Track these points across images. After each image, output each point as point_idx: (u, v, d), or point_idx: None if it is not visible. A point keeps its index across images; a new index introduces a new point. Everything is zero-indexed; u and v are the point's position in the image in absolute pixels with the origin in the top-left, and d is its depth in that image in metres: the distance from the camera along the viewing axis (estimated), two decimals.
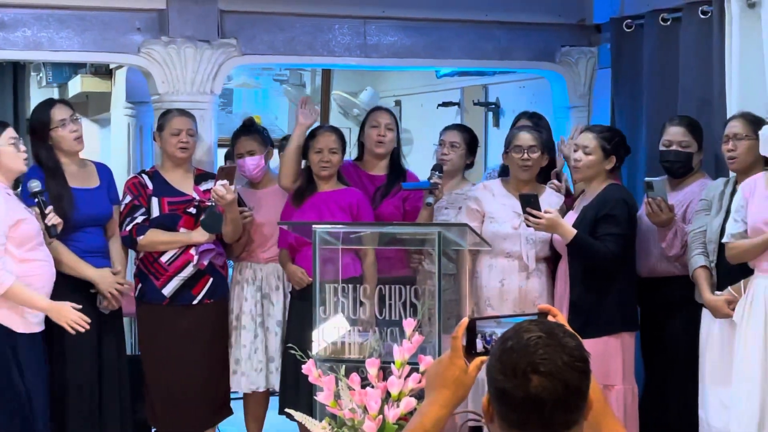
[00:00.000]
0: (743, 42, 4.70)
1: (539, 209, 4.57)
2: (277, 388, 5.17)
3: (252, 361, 5.15)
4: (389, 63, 5.99)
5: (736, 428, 4.16)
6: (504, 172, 5.21)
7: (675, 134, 4.78)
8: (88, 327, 4.40)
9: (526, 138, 4.86)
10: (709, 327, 4.44)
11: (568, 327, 1.98)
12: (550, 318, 2.05)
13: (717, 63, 4.85)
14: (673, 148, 4.78)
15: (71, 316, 4.36)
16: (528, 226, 4.65)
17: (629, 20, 5.64)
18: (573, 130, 5.34)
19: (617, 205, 4.61)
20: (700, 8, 5.05)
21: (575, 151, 4.76)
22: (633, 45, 5.61)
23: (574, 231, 4.56)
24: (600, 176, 4.72)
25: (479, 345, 2.05)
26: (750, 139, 4.37)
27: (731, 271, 4.33)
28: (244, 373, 5.15)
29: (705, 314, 4.48)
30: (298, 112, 5.17)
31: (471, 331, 2.05)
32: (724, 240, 4.31)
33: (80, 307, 4.42)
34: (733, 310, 4.27)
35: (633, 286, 4.70)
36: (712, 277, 4.44)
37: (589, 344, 5.00)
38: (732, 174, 4.56)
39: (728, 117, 4.73)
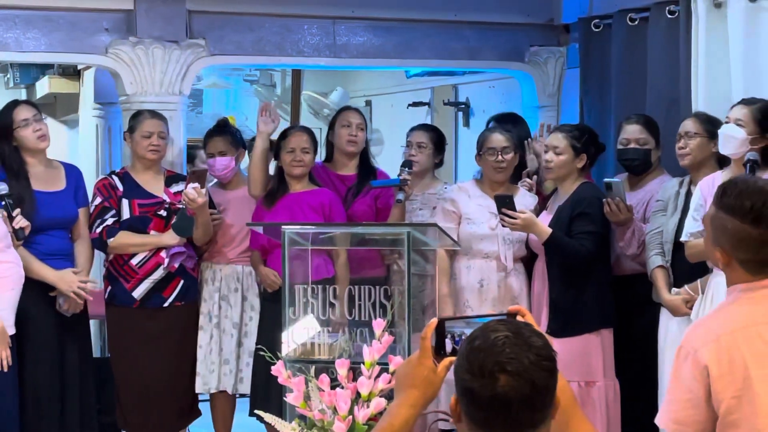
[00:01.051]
0: (709, 41, 4.73)
1: (514, 209, 4.59)
2: (229, 390, 5.17)
3: (206, 362, 5.14)
4: (359, 63, 6.00)
5: None
6: None
7: (632, 132, 4.83)
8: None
9: (499, 140, 4.87)
10: (667, 325, 4.47)
11: (536, 326, 1.99)
12: (519, 318, 2.06)
13: (684, 62, 4.88)
14: (631, 146, 4.84)
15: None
16: (504, 226, 4.67)
17: (597, 20, 5.66)
18: (540, 128, 5.36)
19: (591, 203, 4.64)
20: (667, 8, 5.08)
21: (546, 152, 4.78)
22: (601, 45, 5.63)
23: (550, 230, 4.59)
24: (572, 175, 4.74)
25: (448, 345, 2.05)
26: (700, 137, 4.43)
27: (687, 271, 4.36)
28: (199, 373, 5.14)
29: (663, 313, 4.51)
30: (258, 119, 5.15)
31: (440, 332, 2.05)
32: (682, 239, 4.34)
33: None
34: (691, 308, 4.30)
35: (609, 282, 4.74)
36: (669, 276, 4.48)
37: (570, 342, 5.04)
38: (687, 175, 4.59)
39: None
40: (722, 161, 4.41)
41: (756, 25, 4.53)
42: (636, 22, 5.37)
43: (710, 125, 4.42)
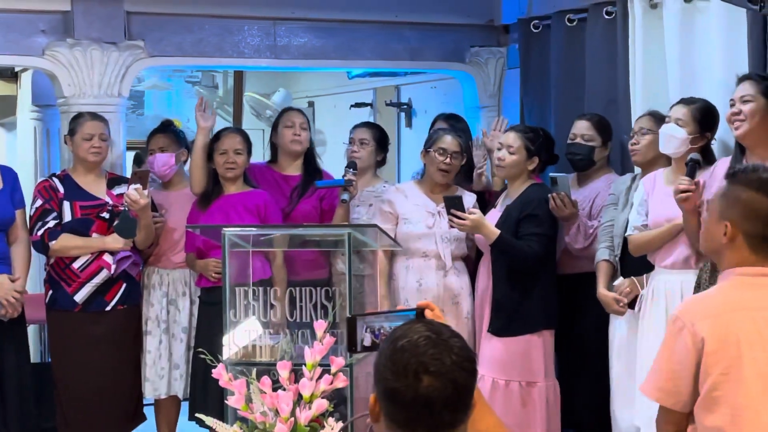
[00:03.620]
0: (646, 42, 4.79)
1: (463, 210, 4.60)
2: (180, 395, 5.14)
3: (156, 367, 5.11)
4: (300, 64, 5.97)
5: (639, 422, 4.24)
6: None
7: (580, 128, 4.89)
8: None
9: (452, 143, 4.89)
10: (617, 323, 4.52)
11: (443, 320, 2.04)
12: (427, 312, 2.09)
13: (622, 62, 4.94)
14: (577, 141, 4.88)
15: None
16: (452, 227, 4.68)
17: (536, 21, 5.70)
18: (495, 122, 5.38)
19: (540, 205, 4.67)
20: (605, 9, 5.14)
21: (499, 149, 4.80)
22: (540, 45, 5.68)
23: (498, 231, 4.61)
24: (522, 176, 4.77)
25: (367, 340, 2.07)
26: (652, 134, 4.46)
27: (637, 265, 4.40)
28: (148, 379, 5.11)
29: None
30: (197, 115, 5.12)
31: (351, 328, 2.06)
32: (627, 233, 4.40)
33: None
34: (634, 302, 4.35)
35: (554, 284, 4.77)
36: (615, 271, 4.52)
37: (512, 342, 5.06)
38: (638, 170, 4.64)
39: (633, 115, 4.83)
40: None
41: (691, 25, 4.59)
42: (574, 23, 5.41)
43: (662, 123, 4.41)
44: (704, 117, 4.21)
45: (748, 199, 2.67)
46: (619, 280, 4.47)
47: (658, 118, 4.47)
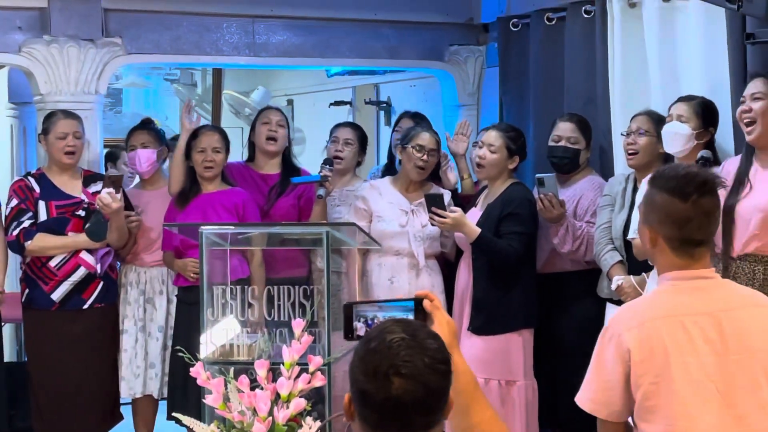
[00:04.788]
0: (625, 41, 4.79)
1: (444, 209, 4.60)
2: (155, 394, 5.12)
3: (132, 366, 5.09)
4: (278, 62, 5.97)
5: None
6: (388, 171, 5.22)
7: (564, 130, 4.86)
8: None
9: (430, 140, 4.89)
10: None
11: (442, 311, 2.03)
12: (426, 303, 2.07)
13: (600, 61, 4.94)
14: (562, 143, 4.86)
15: None
16: (433, 225, 4.68)
17: (516, 20, 5.71)
18: (458, 126, 5.37)
19: (521, 204, 4.67)
20: (584, 8, 5.14)
21: (480, 147, 4.79)
22: (520, 44, 5.68)
23: (478, 230, 4.60)
24: (503, 175, 4.77)
25: (361, 329, 2.06)
26: (650, 136, 4.41)
27: (637, 267, 4.34)
28: (124, 378, 5.09)
29: (609, 309, 4.53)
30: (182, 117, 5.10)
31: (348, 316, 2.06)
32: (629, 236, 4.31)
33: None
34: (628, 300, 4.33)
35: (534, 283, 4.76)
36: (626, 271, 4.44)
37: (491, 341, 5.04)
38: (628, 169, 4.62)
39: (612, 114, 4.83)
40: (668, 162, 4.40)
41: (670, 24, 4.60)
42: (553, 22, 5.42)
43: (660, 125, 4.34)
44: (705, 111, 4.17)
45: (663, 203, 2.63)
46: (617, 278, 4.43)
47: (656, 119, 4.41)
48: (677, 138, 4.17)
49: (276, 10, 5.72)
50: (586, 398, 2.68)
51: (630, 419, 2.67)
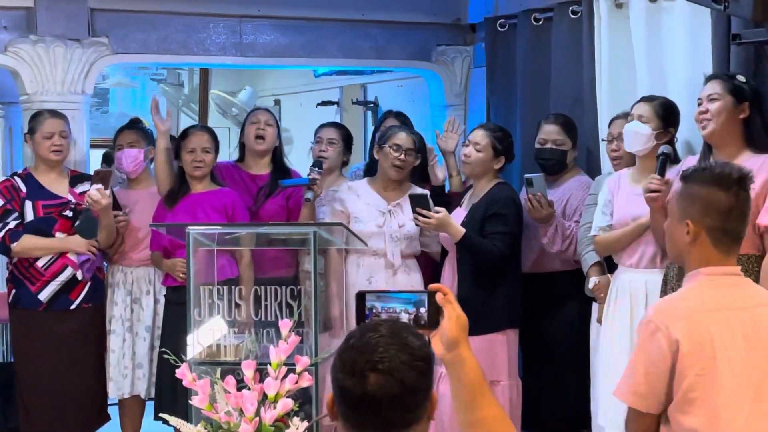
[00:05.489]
0: (612, 41, 4.80)
1: (429, 209, 4.60)
2: (143, 394, 5.11)
3: (119, 367, 5.08)
4: (266, 62, 5.97)
5: (602, 421, 4.26)
6: (369, 171, 5.22)
7: (550, 132, 4.87)
8: None
9: (406, 140, 4.88)
10: (596, 321, 4.52)
11: (455, 306, 2.04)
12: (439, 296, 2.08)
13: (587, 62, 4.95)
14: (548, 146, 4.87)
15: None
16: (417, 225, 4.68)
17: (503, 20, 5.71)
18: (447, 123, 5.37)
19: (506, 204, 4.67)
20: (571, 8, 5.15)
21: (466, 146, 4.80)
22: (507, 44, 5.68)
23: (463, 230, 4.60)
24: (488, 174, 4.77)
25: (368, 317, 2.09)
26: None
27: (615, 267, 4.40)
28: (112, 378, 5.07)
29: (595, 309, 4.55)
30: (154, 118, 5.07)
31: (360, 304, 2.09)
32: (591, 233, 4.40)
33: None
34: (604, 299, 4.36)
35: (519, 283, 4.77)
36: (604, 271, 4.50)
37: (476, 341, 5.08)
38: (609, 168, 4.64)
39: (599, 114, 4.85)
40: None
41: (657, 25, 4.61)
42: (540, 22, 5.43)
43: None
44: (666, 112, 4.23)
45: (706, 195, 2.72)
46: (593, 281, 4.46)
47: None
48: (637, 137, 4.22)
49: (263, 10, 5.72)
50: (627, 391, 2.72)
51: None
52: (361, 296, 2.09)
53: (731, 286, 2.73)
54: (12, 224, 4.83)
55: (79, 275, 4.89)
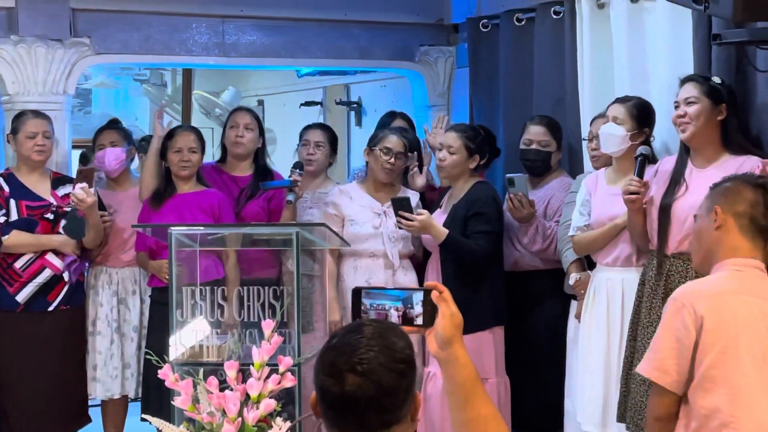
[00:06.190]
0: (594, 42, 4.82)
1: (411, 212, 4.60)
2: (132, 394, 5.10)
3: (108, 368, 5.06)
4: (248, 62, 5.96)
5: (581, 417, 4.28)
6: None
7: (535, 134, 4.88)
8: None
9: (397, 143, 4.88)
10: (573, 318, 4.54)
11: (450, 304, 2.09)
12: (435, 294, 2.09)
13: (569, 62, 4.96)
14: (533, 147, 4.88)
15: None
16: (400, 228, 4.68)
17: (485, 20, 5.72)
18: (436, 120, 5.38)
19: (487, 203, 4.68)
20: (553, 8, 5.16)
21: (439, 150, 4.80)
22: (489, 44, 5.69)
23: (446, 231, 4.62)
24: (465, 175, 4.78)
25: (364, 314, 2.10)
26: None
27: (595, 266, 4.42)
28: (100, 380, 5.06)
29: (574, 306, 4.58)
30: (155, 123, 5.07)
31: (356, 300, 2.10)
32: (569, 233, 4.43)
33: None
34: (584, 295, 4.37)
35: (502, 281, 4.78)
36: (585, 268, 4.52)
37: (463, 340, 5.07)
38: (590, 168, 4.66)
39: (581, 114, 4.86)
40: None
41: (638, 25, 4.62)
42: (522, 23, 5.43)
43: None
44: (641, 113, 4.24)
45: (734, 187, 2.90)
46: (574, 277, 4.47)
47: None
48: (612, 139, 4.24)
49: (246, 10, 5.71)
50: (651, 367, 2.79)
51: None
52: (357, 292, 2.10)
53: (757, 278, 2.82)
54: (0, 219, 4.81)
55: (66, 276, 4.87)
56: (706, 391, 2.69)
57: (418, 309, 2.10)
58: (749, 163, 3.79)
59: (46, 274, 4.87)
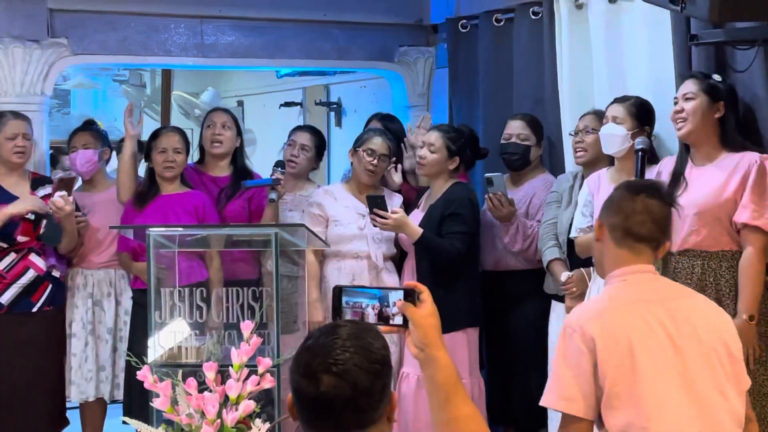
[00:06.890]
0: (572, 42, 4.83)
1: (386, 210, 4.60)
2: (107, 397, 5.08)
3: (82, 370, 5.04)
4: (227, 63, 5.94)
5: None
6: None
7: (514, 128, 4.91)
8: None
9: (381, 145, 4.89)
10: (559, 319, 4.53)
11: (429, 304, 2.07)
12: (399, 303, 2.09)
13: (549, 62, 4.97)
14: (512, 140, 4.89)
15: None
16: (375, 226, 4.68)
17: (464, 21, 5.72)
18: (419, 120, 5.38)
19: (463, 203, 4.68)
20: (531, 9, 5.17)
21: (421, 147, 4.81)
22: (469, 45, 5.70)
23: (421, 230, 4.62)
24: (444, 175, 4.78)
25: (346, 312, 2.11)
26: (596, 133, 4.44)
27: (582, 263, 4.42)
28: (74, 382, 5.04)
29: (555, 306, 4.59)
30: (125, 122, 5.05)
31: (337, 298, 2.10)
32: (571, 235, 4.39)
33: None
34: (583, 295, 4.36)
35: (477, 282, 4.79)
36: (566, 268, 4.52)
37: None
38: (578, 168, 4.66)
39: (561, 114, 4.87)
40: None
41: (617, 25, 4.64)
42: (501, 23, 5.44)
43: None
44: (640, 111, 4.24)
45: (614, 197, 2.86)
46: (566, 275, 4.46)
47: (602, 117, 4.44)
48: (613, 139, 4.24)
49: (224, 11, 5.69)
50: (555, 397, 2.70)
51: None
52: (337, 291, 2.11)
53: (645, 282, 2.78)
54: None
55: (57, 273, 4.90)
56: (614, 409, 2.62)
57: (394, 308, 2.10)
58: (747, 159, 3.80)
59: (30, 275, 4.86)
